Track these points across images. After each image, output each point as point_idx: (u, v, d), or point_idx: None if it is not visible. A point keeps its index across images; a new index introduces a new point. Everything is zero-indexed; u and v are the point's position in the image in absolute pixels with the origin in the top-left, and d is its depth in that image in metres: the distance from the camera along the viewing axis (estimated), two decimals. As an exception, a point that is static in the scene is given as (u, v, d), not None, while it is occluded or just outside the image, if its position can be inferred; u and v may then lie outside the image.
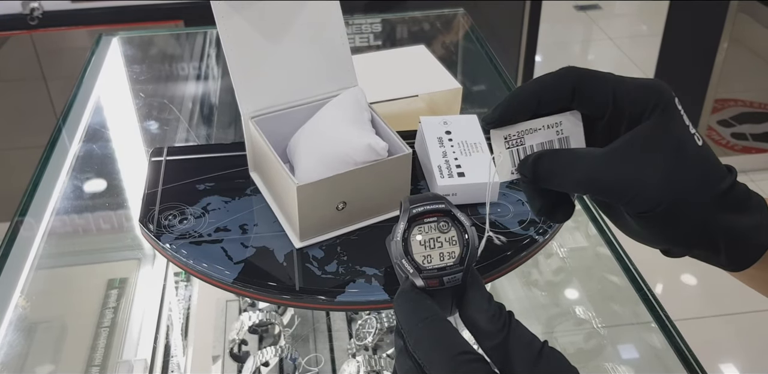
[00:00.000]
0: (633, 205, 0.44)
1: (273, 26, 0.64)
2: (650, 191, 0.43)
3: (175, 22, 1.90)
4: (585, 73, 0.46)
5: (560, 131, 0.48)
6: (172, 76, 1.43)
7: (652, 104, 0.45)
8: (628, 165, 0.43)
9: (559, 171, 0.45)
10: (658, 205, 0.43)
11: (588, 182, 0.44)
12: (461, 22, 1.45)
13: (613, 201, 0.45)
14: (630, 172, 0.43)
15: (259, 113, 0.65)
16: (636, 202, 0.43)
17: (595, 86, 0.46)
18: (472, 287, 0.44)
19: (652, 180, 0.43)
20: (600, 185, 0.44)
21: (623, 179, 0.43)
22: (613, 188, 0.44)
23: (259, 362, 0.85)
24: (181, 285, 1.00)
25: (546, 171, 0.46)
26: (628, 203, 0.44)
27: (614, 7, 3.91)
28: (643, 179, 0.43)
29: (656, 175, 0.43)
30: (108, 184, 1.07)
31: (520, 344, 0.40)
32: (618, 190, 0.44)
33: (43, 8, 1.84)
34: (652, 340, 0.82)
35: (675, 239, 0.45)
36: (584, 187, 0.44)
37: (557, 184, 0.46)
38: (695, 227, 0.44)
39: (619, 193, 0.43)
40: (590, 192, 0.45)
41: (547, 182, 0.46)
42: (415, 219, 0.45)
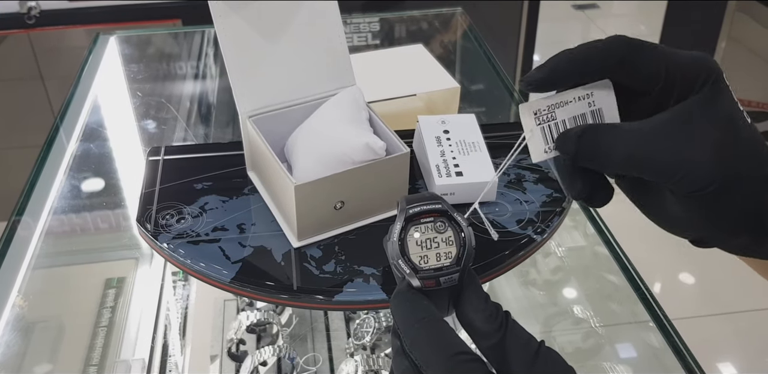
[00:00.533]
0: (684, 184, 0.40)
1: (271, 25, 0.64)
2: (703, 168, 0.40)
3: (173, 21, 1.90)
4: (635, 42, 0.42)
5: (592, 103, 0.44)
6: (169, 75, 1.43)
7: (703, 77, 0.42)
8: (679, 141, 0.40)
9: (605, 148, 0.41)
10: (711, 183, 0.40)
11: (636, 159, 0.41)
12: (459, 22, 1.45)
13: (662, 181, 0.41)
14: (681, 148, 0.40)
15: (256, 112, 0.65)
16: (688, 180, 0.40)
17: (647, 57, 0.42)
18: (469, 287, 0.44)
19: (704, 157, 0.40)
20: (649, 164, 0.40)
21: (674, 155, 0.40)
22: (663, 166, 0.40)
23: (257, 361, 0.85)
24: (179, 284, 1.00)
25: (590, 148, 0.42)
26: (678, 182, 0.40)
27: (612, 6, 3.91)
28: (695, 156, 0.40)
29: (709, 151, 0.40)
30: (105, 183, 1.07)
31: (517, 344, 0.40)
32: (669, 168, 0.40)
33: (41, 7, 1.83)
34: (650, 339, 0.82)
35: (722, 222, 0.42)
36: (632, 165, 0.41)
37: (601, 162, 0.42)
38: (746, 208, 0.41)
39: (670, 171, 0.40)
40: (637, 171, 0.41)
41: (590, 159, 0.42)
42: (412, 219, 0.45)
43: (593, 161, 0.43)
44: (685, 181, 0.40)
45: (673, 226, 0.45)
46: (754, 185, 0.41)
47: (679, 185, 0.41)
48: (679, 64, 0.42)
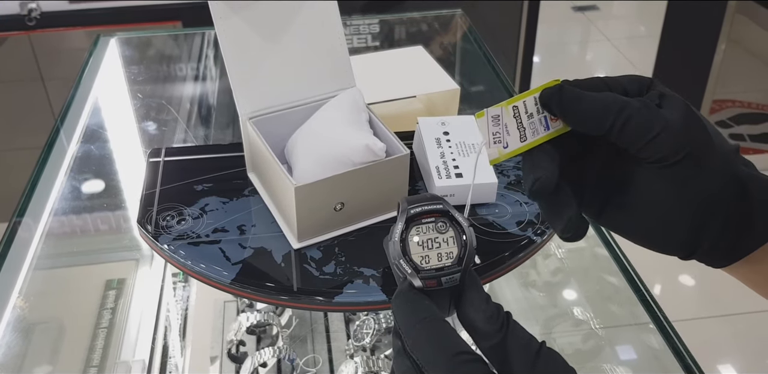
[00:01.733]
0: (656, 144, 0.42)
1: (271, 27, 0.64)
2: (674, 130, 0.42)
3: (174, 22, 1.90)
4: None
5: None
6: (170, 77, 1.43)
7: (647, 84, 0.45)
8: (651, 109, 0.42)
9: (587, 96, 0.43)
10: (683, 147, 0.42)
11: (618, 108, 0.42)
12: (459, 23, 1.45)
13: (637, 141, 0.42)
14: (653, 113, 0.42)
15: (256, 114, 0.65)
16: (660, 140, 0.42)
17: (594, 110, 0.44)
18: (470, 287, 0.44)
19: (675, 123, 0.42)
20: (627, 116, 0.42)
21: (649, 114, 0.42)
22: (639, 124, 0.42)
23: (257, 363, 0.85)
24: (179, 285, 1.00)
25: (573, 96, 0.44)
26: (652, 141, 0.42)
27: (612, 8, 3.92)
28: (667, 120, 0.42)
29: (678, 120, 0.42)
30: (106, 185, 1.07)
31: (518, 344, 0.40)
32: (645, 125, 0.42)
33: (41, 9, 1.83)
34: (650, 341, 0.82)
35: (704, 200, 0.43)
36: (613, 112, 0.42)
37: (584, 109, 0.43)
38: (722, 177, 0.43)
39: (645, 130, 0.42)
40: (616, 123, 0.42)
41: (573, 108, 0.44)
42: (413, 220, 0.45)
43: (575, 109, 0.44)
44: (657, 141, 0.42)
45: (656, 235, 0.46)
46: (724, 156, 0.43)
47: (652, 147, 0.42)
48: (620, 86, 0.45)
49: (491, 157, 0.46)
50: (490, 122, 0.45)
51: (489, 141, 0.45)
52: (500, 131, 0.46)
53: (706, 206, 0.43)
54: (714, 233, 0.44)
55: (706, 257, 0.46)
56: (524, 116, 0.46)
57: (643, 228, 0.46)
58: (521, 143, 0.45)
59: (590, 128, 0.44)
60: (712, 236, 0.44)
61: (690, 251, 0.46)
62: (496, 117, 0.46)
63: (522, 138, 0.46)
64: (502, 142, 0.46)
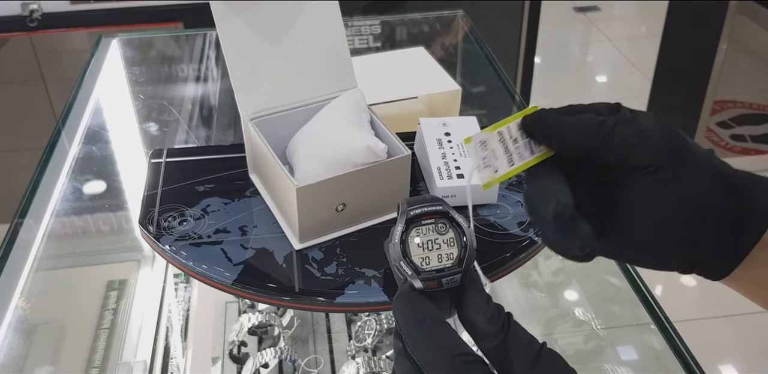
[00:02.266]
0: (641, 151, 0.44)
1: (272, 28, 0.64)
2: (654, 135, 0.44)
3: (175, 23, 1.90)
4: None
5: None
6: (171, 77, 1.43)
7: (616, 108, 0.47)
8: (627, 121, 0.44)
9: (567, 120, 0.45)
10: (665, 149, 0.44)
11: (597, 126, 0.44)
12: (460, 24, 1.45)
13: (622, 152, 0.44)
14: (630, 125, 0.44)
15: (258, 115, 0.65)
16: (643, 147, 0.44)
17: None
18: (471, 288, 0.44)
19: (653, 130, 0.44)
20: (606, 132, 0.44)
21: (626, 129, 0.44)
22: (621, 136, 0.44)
23: (259, 363, 0.85)
24: (181, 286, 1.01)
25: (553, 121, 0.45)
26: (636, 149, 0.43)
27: (613, 8, 3.92)
28: (644, 128, 0.44)
29: (654, 127, 0.44)
30: (107, 186, 1.07)
31: (518, 345, 0.40)
32: (625, 138, 0.44)
33: (43, 10, 1.84)
34: (651, 342, 0.82)
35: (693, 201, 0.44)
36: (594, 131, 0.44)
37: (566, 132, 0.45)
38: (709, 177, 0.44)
39: (627, 140, 0.44)
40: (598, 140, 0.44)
41: (555, 132, 0.45)
42: (413, 221, 0.45)
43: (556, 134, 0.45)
44: (639, 150, 0.44)
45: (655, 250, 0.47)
46: (704, 157, 0.45)
47: (636, 155, 0.44)
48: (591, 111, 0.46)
49: (483, 181, 0.47)
50: (478, 147, 0.47)
51: (480, 165, 0.46)
52: (488, 155, 0.47)
53: (699, 207, 0.44)
54: (712, 234, 0.44)
55: (708, 265, 0.46)
56: (509, 140, 0.47)
57: (642, 245, 0.47)
58: (510, 167, 0.47)
59: (575, 149, 0.45)
60: (711, 239, 0.45)
61: (692, 260, 0.46)
62: (483, 142, 0.47)
63: (510, 163, 0.47)
64: (492, 166, 0.47)
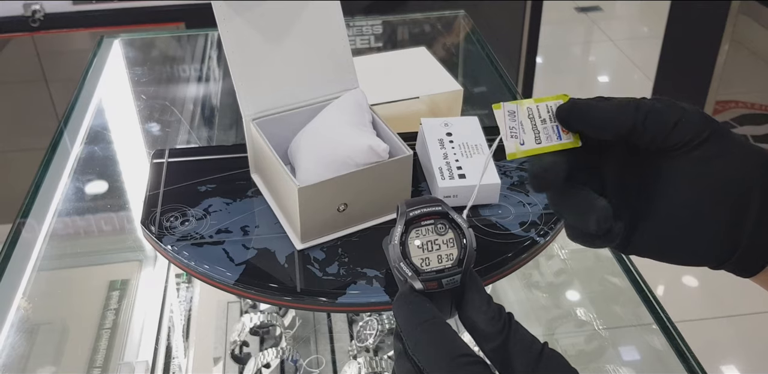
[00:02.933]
0: (681, 128, 0.43)
1: (274, 28, 0.64)
2: (693, 112, 0.43)
3: (177, 24, 1.90)
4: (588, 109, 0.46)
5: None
6: (173, 78, 1.43)
7: None
8: (662, 101, 0.44)
9: (600, 104, 0.44)
10: (707, 125, 0.43)
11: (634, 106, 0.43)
12: (462, 24, 1.45)
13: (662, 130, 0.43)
14: (665, 104, 0.43)
15: (260, 115, 0.65)
16: (683, 123, 0.43)
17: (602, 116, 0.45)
18: (471, 289, 0.44)
19: (690, 107, 0.43)
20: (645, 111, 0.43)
21: (663, 108, 0.43)
22: (661, 111, 0.43)
23: (260, 363, 0.85)
24: (183, 286, 1.01)
25: (588, 106, 0.45)
26: (676, 127, 0.42)
27: (615, 8, 3.91)
28: (684, 108, 0.43)
29: (691, 106, 0.44)
30: (110, 186, 1.07)
31: (520, 346, 0.40)
32: (663, 116, 0.43)
33: (45, 10, 1.84)
34: (653, 342, 0.82)
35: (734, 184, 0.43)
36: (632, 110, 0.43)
37: (602, 115, 0.44)
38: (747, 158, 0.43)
39: (666, 118, 0.43)
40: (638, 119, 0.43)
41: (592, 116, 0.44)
42: (412, 222, 0.45)
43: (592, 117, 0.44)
44: (680, 127, 0.43)
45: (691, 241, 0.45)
46: (742, 148, 0.43)
47: (679, 131, 0.43)
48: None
49: (509, 150, 0.46)
50: (506, 116, 0.46)
51: (506, 134, 0.46)
52: (516, 127, 0.46)
53: (740, 186, 0.43)
54: (752, 218, 0.43)
55: (743, 259, 0.44)
56: (538, 119, 0.46)
57: (677, 234, 0.45)
58: (536, 144, 0.46)
59: (614, 130, 0.44)
60: (750, 223, 0.43)
61: (730, 248, 0.44)
62: (512, 113, 0.46)
63: (537, 140, 0.46)
64: (518, 138, 0.46)
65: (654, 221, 0.46)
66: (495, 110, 0.46)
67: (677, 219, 0.45)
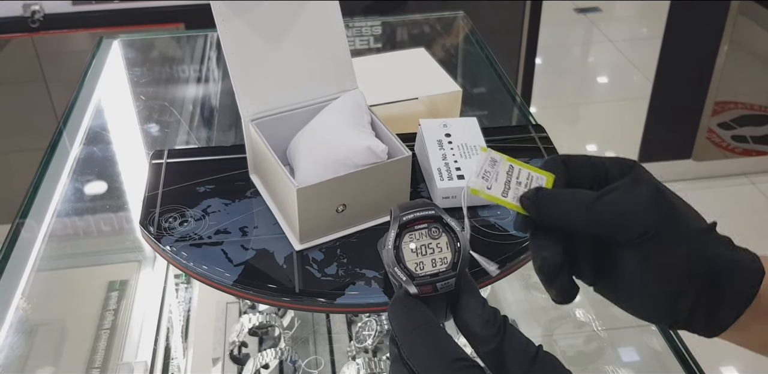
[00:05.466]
0: (628, 229, 0.44)
1: (273, 29, 0.64)
2: (641, 214, 0.44)
3: (176, 24, 1.90)
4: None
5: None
6: (172, 78, 1.43)
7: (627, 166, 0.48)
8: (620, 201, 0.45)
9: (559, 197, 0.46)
10: (650, 227, 0.44)
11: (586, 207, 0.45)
12: (461, 25, 1.45)
13: (611, 232, 0.45)
14: (621, 204, 0.45)
15: (259, 116, 0.65)
16: (630, 226, 0.44)
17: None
18: (466, 292, 0.44)
19: (642, 206, 0.45)
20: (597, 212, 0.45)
21: (615, 210, 0.45)
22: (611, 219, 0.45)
23: (259, 364, 0.85)
24: (182, 287, 1.01)
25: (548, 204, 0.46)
26: (623, 229, 0.44)
27: (614, 9, 3.92)
28: (635, 207, 0.45)
29: (645, 203, 0.45)
30: (109, 186, 1.07)
31: (515, 349, 0.40)
32: (615, 219, 0.44)
33: (44, 11, 1.84)
34: (652, 343, 0.82)
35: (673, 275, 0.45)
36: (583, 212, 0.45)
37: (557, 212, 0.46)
38: (690, 255, 0.45)
39: (616, 221, 0.44)
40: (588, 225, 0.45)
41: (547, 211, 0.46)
42: (406, 226, 0.45)
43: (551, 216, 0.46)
44: (628, 227, 0.44)
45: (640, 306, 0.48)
46: (693, 233, 0.45)
47: (625, 232, 0.44)
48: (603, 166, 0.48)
49: (475, 186, 0.47)
50: (487, 161, 0.48)
51: (480, 173, 0.47)
52: (491, 173, 0.48)
53: (673, 281, 0.45)
54: (686, 305, 0.45)
55: (690, 328, 0.47)
56: (514, 179, 0.48)
57: (628, 299, 0.48)
58: (501, 196, 0.48)
59: (565, 225, 0.46)
60: (685, 309, 0.45)
61: (671, 322, 0.47)
62: (493, 161, 0.48)
63: (504, 194, 0.48)
64: (488, 181, 0.48)
65: (609, 284, 0.49)
66: (481, 151, 0.48)
67: (625, 291, 0.47)
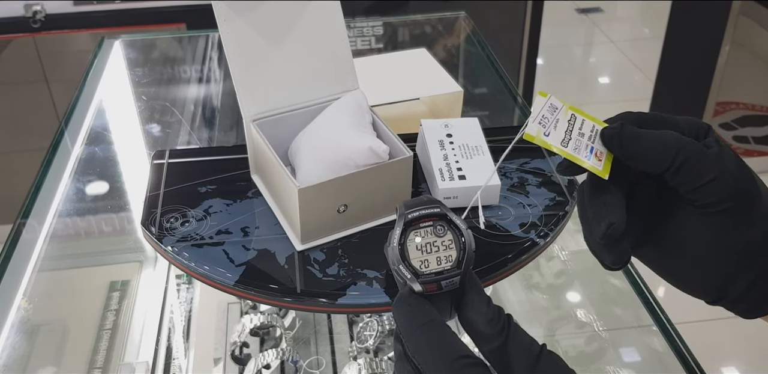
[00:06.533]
0: (708, 189, 0.43)
1: (275, 29, 0.64)
2: (727, 178, 0.43)
3: (178, 25, 1.90)
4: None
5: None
6: (174, 79, 1.43)
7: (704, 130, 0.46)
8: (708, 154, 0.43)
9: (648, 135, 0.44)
10: (732, 197, 0.43)
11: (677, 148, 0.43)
12: (463, 25, 1.45)
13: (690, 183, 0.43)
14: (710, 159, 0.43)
15: (260, 116, 0.65)
16: (712, 186, 0.43)
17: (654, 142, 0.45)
18: (471, 290, 0.44)
19: (729, 171, 0.43)
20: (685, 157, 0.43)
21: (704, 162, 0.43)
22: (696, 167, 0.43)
23: (261, 364, 0.85)
24: (183, 287, 1.01)
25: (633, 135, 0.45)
26: (704, 186, 0.43)
27: (616, 10, 3.91)
28: (722, 167, 0.43)
29: (732, 169, 0.43)
30: (110, 187, 1.07)
31: (518, 347, 0.40)
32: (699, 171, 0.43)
33: (46, 11, 1.84)
34: (653, 343, 0.82)
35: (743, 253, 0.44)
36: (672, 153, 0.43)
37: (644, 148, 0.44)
38: (764, 233, 0.43)
39: (700, 173, 0.43)
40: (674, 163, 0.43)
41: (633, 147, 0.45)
42: (411, 224, 0.45)
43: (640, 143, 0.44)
44: (709, 186, 0.43)
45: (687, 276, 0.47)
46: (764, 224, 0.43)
47: (704, 191, 0.43)
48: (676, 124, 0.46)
49: (530, 131, 0.46)
50: (546, 107, 0.46)
51: (536, 119, 0.46)
52: (550, 119, 0.46)
53: (741, 256, 0.44)
54: (745, 283, 0.44)
55: (733, 306, 0.46)
56: (576, 129, 0.47)
57: (675, 267, 0.47)
58: (560, 145, 0.46)
59: (649, 166, 0.45)
60: (742, 287, 0.44)
61: (718, 297, 0.46)
62: (553, 107, 0.46)
63: (563, 143, 0.46)
64: (546, 128, 0.46)
65: (657, 251, 0.48)
66: (540, 95, 0.46)
67: (675, 260, 0.47)
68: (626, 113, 0.47)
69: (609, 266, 0.46)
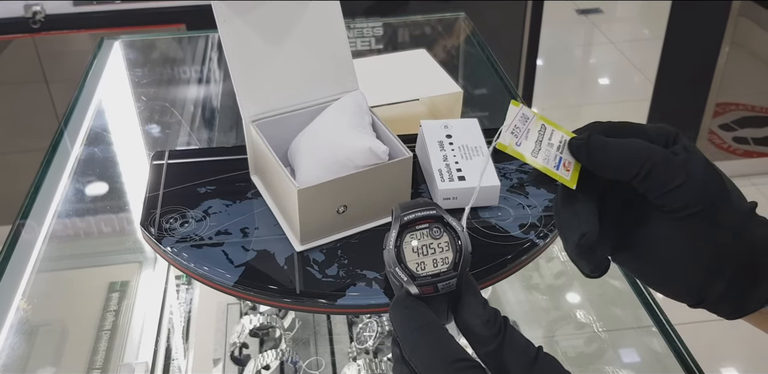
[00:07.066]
0: (675, 195, 0.43)
1: (274, 30, 0.64)
2: (694, 184, 0.43)
3: (177, 25, 1.91)
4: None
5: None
6: (173, 79, 1.43)
7: (672, 136, 0.46)
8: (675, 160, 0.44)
9: (614, 143, 0.45)
10: (700, 201, 0.43)
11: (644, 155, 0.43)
12: (462, 26, 1.45)
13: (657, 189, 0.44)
14: (676, 165, 0.43)
15: (260, 117, 0.65)
16: (679, 191, 0.43)
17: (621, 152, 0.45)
18: (467, 292, 0.44)
19: (696, 177, 0.43)
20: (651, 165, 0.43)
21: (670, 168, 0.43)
22: (662, 173, 0.43)
23: (260, 365, 0.85)
24: (182, 288, 1.01)
25: (599, 145, 0.45)
26: (671, 192, 0.43)
27: (616, 10, 3.92)
28: (689, 173, 0.43)
29: (699, 174, 0.44)
30: (109, 187, 1.07)
31: (515, 349, 0.40)
32: (665, 177, 0.43)
33: (45, 11, 1.84)
34: (652, 344, 0.82)
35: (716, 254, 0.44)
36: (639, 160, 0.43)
37: (611, 157, 0.45)
38: (734, 235, 0.44)
39: (667, 180, 0.43)
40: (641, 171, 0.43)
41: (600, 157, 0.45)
42: (407, 226, 0.45)
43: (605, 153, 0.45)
44: (681, 190, 0.43)
45: (664, 281, 0.47)
46: (739, 213, 0.44)
47: (671, 196, 0.43)
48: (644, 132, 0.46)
49: (503, 141, 0.46)
50: (518, 116, 0.47)
51: (508, 128, 0.46)
52: (521, 129, 0.46)
53: (715, 258, 0.44)
54: (723, 285, 0.45)
55: (714, 308, 0.47)
56: (546, 139, 0.47)
57: (653, 273, 0.47)
58: (530, 155, 0.46)
59: (617, 174, 0.45)
60: (720, 288, 0.45)
61: (698, 300, 0.46)
62: (525, 117, 0.47)
63: (533, 153, 0.47)
64: (518, 138, 0.46)
65: (633, 255, 0.48)
66: (512, 105, 0.46)
67: (652, 264, 0.47)
68: (594, 123, 0.48)
69: (588, 274, 0.47)
